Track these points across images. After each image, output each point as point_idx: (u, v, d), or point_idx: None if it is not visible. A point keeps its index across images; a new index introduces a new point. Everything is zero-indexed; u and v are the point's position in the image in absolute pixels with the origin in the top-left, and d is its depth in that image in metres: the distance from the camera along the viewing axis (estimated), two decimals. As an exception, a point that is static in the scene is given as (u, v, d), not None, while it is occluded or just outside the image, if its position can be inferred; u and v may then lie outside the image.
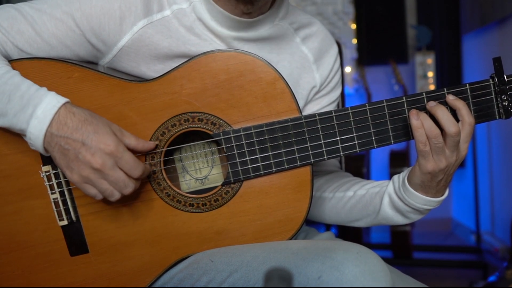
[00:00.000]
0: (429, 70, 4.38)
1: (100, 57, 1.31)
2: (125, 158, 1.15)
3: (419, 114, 1.22)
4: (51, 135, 1.14)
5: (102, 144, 1.13)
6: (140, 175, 1.18)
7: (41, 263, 1.27)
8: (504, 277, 2.74)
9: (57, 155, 1.15)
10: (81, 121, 1.14)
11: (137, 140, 1.20)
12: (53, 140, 1.14)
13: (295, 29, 1.43)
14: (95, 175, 1.14)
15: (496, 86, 1.27)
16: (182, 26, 1.30)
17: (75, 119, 1.14)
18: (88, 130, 1.14)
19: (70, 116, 1.14)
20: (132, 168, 1.16)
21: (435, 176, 1.24)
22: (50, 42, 1.26)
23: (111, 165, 1.14)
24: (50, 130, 1.14)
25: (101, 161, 1.13)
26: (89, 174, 1.14)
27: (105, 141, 1.13)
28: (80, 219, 1.27)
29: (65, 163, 1.15)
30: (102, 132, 1.14)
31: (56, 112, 1.14)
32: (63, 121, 1.14)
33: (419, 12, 4.61)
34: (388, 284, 1.06)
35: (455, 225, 4.66)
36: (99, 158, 1.13)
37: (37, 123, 1.13)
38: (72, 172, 1.15)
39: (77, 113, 1.15)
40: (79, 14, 1.25)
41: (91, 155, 1.13)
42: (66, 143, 1.14)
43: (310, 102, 1.45)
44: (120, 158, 1.14)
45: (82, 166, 1.14)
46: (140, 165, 1.17)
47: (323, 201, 1.46)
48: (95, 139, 1.13)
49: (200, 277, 1.23)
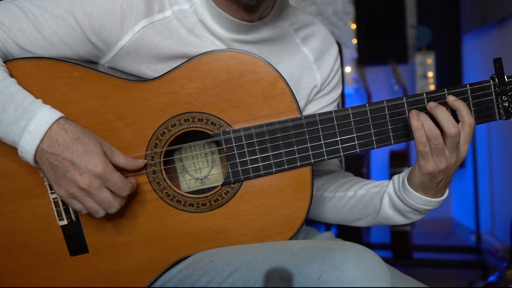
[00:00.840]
0: (429, 70, 4.38)
1: (100, 56, 1.31)
2: (113, 180, 1.16)
3: (419, 115, 1.22)
4: (42, 150, 1.15)
5: (90, 165, 1.14)
6: (127, 194, 1.20)
7: (41, 263, 1.27)
8: (504, 277, 2.74)
9: (46, 169, 1.17)
10: (72, 139, 1.15)
11: (126, 159, 1.21)
12: (43, 155, 1.15)
13: (295, 30, 1.43)
14: (81, 193, 1.16)
15: (497, 87, 1.27)
16: (183, 27, 1.30)
17: (66, 137, 1.15)
18: (78, 149, 1.15)
19: (62, 134, 1.15)
20: (119, 188, 1.17)
21: (435, 177, 1.24)
22: (51, 40, 1.26)
23: (97, 186, 1.15)
24: (41, 146, 1.14)
25: (88, 181, 1.14)
26: (76, 192, 1.16)
27: (94, 162, 1.15)
28: (79, 218, 1.27)
29: (53, 177, 1.17)
30: (91, 152, 1.15)
31: (49, 129, 1.14)
32: (55, 138, 1.15)
33: (419, 12, 4.61)
34: (388, 284, 1.06)
35: (455, 225, 4.66)
36: (87, 178, 1.14)
37: (29, 138, 1.14)
38: (59, 187, 1.17)
39: (69, 131, 1.16)
40: (80, 12, 1.25)
41: (79, 175, 1.14)
42: (56, 160, 1.15)
43: (311, 102, 1.45)
44: (108, 180, 1.16)
45: (69, 184, 1.15)
46: (128, 184, 1.19)
47: (324, 200, 1.46)
48: (84, 159, 1.14)
49: (200, 277, 1.23)
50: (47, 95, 1.22)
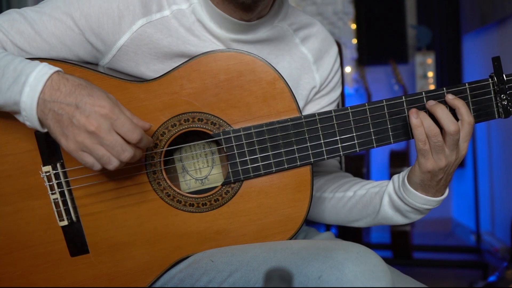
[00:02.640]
0: (429, 70, 4.38)
1: (99, 57, 1.31)
2: (121, 121, 1.10)
3: (418, 113, 1.22)
4: (44, 101, 1.11)
5: (96, 106, 1.09)
6: (138, 140, 1.12)
7: (41, 264, 1.27)
8: (504, 277, 2.74)
9: (51, 122, 1.12)
10: (74, 85, 1.12)
11: (133, 114, 1.15)
12: (46, 106, 1.11)
13: (294, 30, 1.43)
14: (90, 140, 1.10)
15: (495, 86, 1.27)
16: (182, 26, 1.30)
17: (68, 84, 1.12)
18: (82, 93, 1.11)
19: (64, 82, 1.12)
20: (129, 130, 1.11)
21: (435, 175, 1.24)
22: (49, 42, 1.26)
23: (107, 127, 1.09)
24: (42, 97, 1.11)
25: (96, 123, 1.09)
26: (85, 139, 1.10)
27: (99, 103, 1.10)
28: (80, 219, 1.27)
29: (59, 130, 1.12)
30: (96, 95, 1.11)
31: (49, 78, 1.11)
32: (56, 86, 1.11)
33: (419, 12, 4.61)
34: (388, 284, 1.06)
35: (455, 225, 4.66)
36: (94, 120, 1.09)
37: (29, 90, 1.11)
38: (67, 139, 1.11)
39: (71, 79, 1.13)
40: (77, 13, 1.25)
41: (85, 117, 1.09)
42: (60, 108, 1.10)
43: (310, 103, 1.45)
44: (116, 120, 1.10)
45: (76, 131, 1.10)
46: (138, 128, 1.12)
47: (323, 201, 1.46)
48: (89, 101, 1.10)
49: (200, 277, 1.23)
50: (47, 95, 1.22)
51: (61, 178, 1.25)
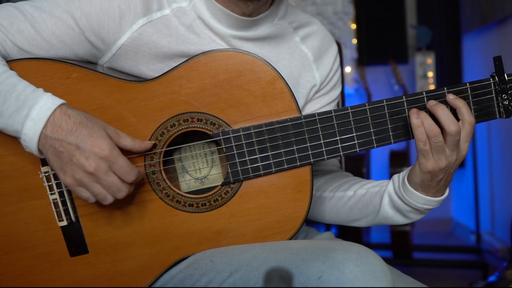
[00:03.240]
0: (429, 70, 4.38)
1: (99, 56, 1.31)
2: (119, 163, 1.14)
3: (419, 113, 1.22)
4: (45, 137, 1.13)
5: (96, 148, 1.13)
6: (134, 180, 1.17)
7: (41, 264, 1.27)
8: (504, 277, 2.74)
9: (51, 157, 1.15)
10: (76, 123, 1.14)
11: (134, 141, 1.20)
12: (47, 142, 1.14)
13: (294, 28, 1.43)
14: (88, 178, 1.14)
15: (497, 85, 1.27)
16: (182, 25, 1.30)
17: (70, 122, 1.14)
18: (83, 133, 1.13)
19: (65, 119, 1.14)
20: (126, 173, 1.15)
21: (435, 176, 1.24)
22: (49, 41, 1.26)
23: (105, 169, 1.13)
24: (44, 132, 1.13)
25: (94, 164, 1.12)
26: (83, 178, 1.14)
27: (99, 145, 1.13)
28: (79, 219, 1.26)
29: (58, 165, 1.15)
30: (96, 136, 1.14)
31: (51, 114, 1.13)
32: (58, 123, 1.13)
33: (419, 12, 4.61)
34: (388, 284, 1.06)
35: (455, 225, 4.66)
36: (93, 162, 1.12)
37: (31, 124, 1.13)
38: (65, 174, 1.15)
39: (72, 116, 1.15)
40: (78, 12, 1.25)
41: (85, 158, 1.12)
42: (60, 146, 1.13)
43: (310, 101, 1.45)
44: (114, 162, 1.14)
45: (75, 169, 1.13)
46: (134, 169, 1.17)
47: (323, 201, 1.46)
48: (89, 142, 1.13)
49: (200, 277, 1.23)
50: (46, 95, 1.22)
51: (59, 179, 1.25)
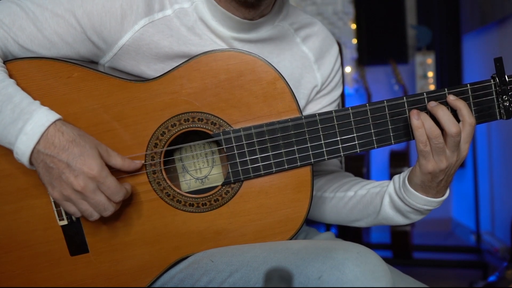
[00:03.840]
0: (429, 70, 4.38)
1: (100, 55, 1.31)
2: (107, 184, 1.16)
3: (419, 114, 1.22)
4: (37, 152, 1.15)
5: (86, 167, 1.14)
6: (121, 200, 1.20)
7: (41, 263, 1.27)
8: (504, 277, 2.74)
9: (41, 171, 1.17)
10: (68, 141, 1.15)
11: (124, 160, 1.21)
12: (39, 157, 1.15)
13: (295, 30, 1.43)
14: (76, 195, 1.16)
15: (497, 87, 1.27)
16: (183, 26, 1.30)
17: (63, 139, 1.15)
18: (74, 152, 1.15)
19: (59, 136, 1.15)
20: (113, 193, 1.17)
21: (436, 177, 1.24)
22: (51, 39, 1.26)
23: (92, 188, 1.15)
24: (37, 148, 1.14)
25: (83, 184, 1.14)
26: (70, 194, 1.16)
27: (89, 164, 1.14)
28: (80, 218, 1.26)
29: (48, 179, 1.17)
30: (87, 155, 1.15)
31: (45, 131, 1.14)
32: (51, 140, 1.14)
33: (419, 12, 4.61)
34: (388, 284, 1.06)
35: (455, 225, 4.66)
36: (82, 181, 1.14)
37: (25, 139, 1.14)
38: (53, 189, 1.17)
39: (66, 133, 1.16)
40: (80, 11, 1.25)
41: (74, 177, 1.14)
42: (51, 162, 1.14)
43: (311, 102, 1.45)
44: (102, 183, 1.15)
45: (64, 186, 1.15)
46: (122, 190, 1.19)
47: (324, 201, 1.46)
48: (80, 161, 1.14)
49: (200, 277, 1.23)
50: (47, 95, 1.22)
51: None
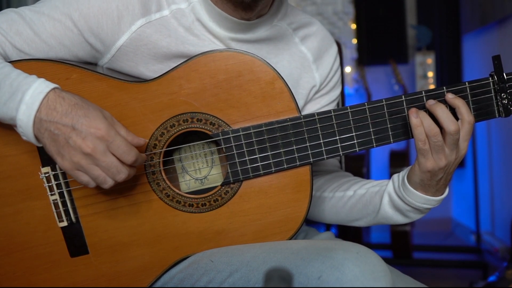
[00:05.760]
0: (429, 70, 4.39)
1: (99, 57, 1.31)
2: (116, 143, 1.12)
3: (418, 113, 1.22)
4: (40, 120, 1.12)
5: (92, 128, 1.10)
6: (133, 161, 1.14)
7: (41, 264, 1.27)
8: (504, 277, 2.74)
9: (47, 141, 1.13)
10: (71, 105, 1.12)
11: (128, 132, 1.17)
12: (42, 126, 1.12)
13: (293, 29, 1.43)
14: (86, 160, 1.11)
15: (496, 84, 1.27)
16: (181, 26, 1.30)
17: (64, 104, 1.12)
18: (78, 114, 1.11)
19: (60, 101, 1.12)
20: (124, 152, 1.12)
21: (435, 175, 1.24)
22: (48, 42, 1.26)
23: (102, 149, 1.11)
24: (39, 116, 1.11)
25: (92, 145, 1.10)
26: (80, 160, 1.11)
27: (95, 125, 1.11)
28: (80, 220, 1.27)
29: (55, 149, 1.13)
30: (92, 116, 1.12)
31: (45, 97, 1.12)
32: (52, 106, 1.12)
33: (419, 12, 4.62)
34: (388, 284, 1.06)
35: (455, 225, 4.66)
36: (90, 142, 1.10)
37: (25, 108, 1.11)
38: (63, 158, 1.13)
39: (67, 98, 1.13)
40: (77, 14, 1.25)
41: (81, 139, 1.10)
42: (56, 128, 1.11)
43: (310, 102, 1.45)
44: (112, 142, 1.11)
45: (72, 152, 1.11)
46: (133, 150, 1.14)
47: (323, 200, 1.46)
48: (85, 123, 1.11)
49: (200, 277, 1.23)
50: (46, 96, 1.22)
51: (60, 179, 1.25)
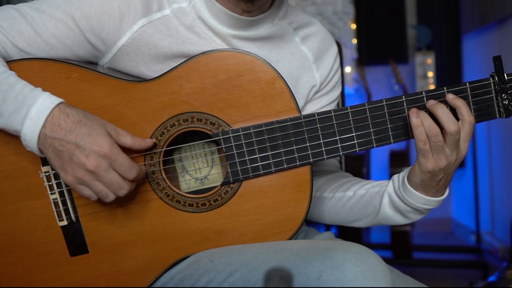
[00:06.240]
0: (429, 70, 4.39)
1: (99, 57, 1.31)
2: (119, 160, 1.14)
3: (419, 113, 1.22)
4: (45, 136, 1.14)
5: (96, 146, 1.13)
6: (135, 177, 1.17)
7: (41, 263, 1.27)
8: (504, 277, 2.74)
9: (51, 156, 1.15)
10: (75, 122, 1.14)
11: (133, 138, 1.20)
12: (47, 141, 1.14)
13: (294, 29, 1.43)
14: (89, 176, 1.14)
15: (496, 85, 1.27)
16: (182, 25, 1.30)
17: (68, 120, 1.14)
18: (82, 132, 1.13)
19: (64, 117, 1.14)
20: (126, 170, 1.15)
21: (435, 175, 1.24)
22: (49, 42, 1.26)
23: (105, 167, 1.13)
24: (43, 132, 1.13)
25: (95, 163, 1.13)
26: (83, 176, 1.14)
27: (99, 143, 1.13)
28: (79, 219, 1.27)
29: (59, 164, 1.15)
30: (96, 134, 1.14)
31: (50, 113, 1.13)
32: (57, 122, 1.13)
33: (419, 12, 4.62)
34: (388, 284, 1.06)
35: (455, 225, 4.66)
36: (93, 160, 1.13)
37: (30, 124, 1.13)
38: (66, 173, 1.15)
39: (71, 114, 1.15)
40: (78, 13, 1.25)
41: (85, 157, 1.13)
42: (60, 145, 1.13)
43: (309, 102, 1.45)
44: (114, 160, 1.14)
45: (76, 168, 1.14)
46: (135, 166, 1.17)
47: (323, 201, 1.46)
48: (89, 141, 1.13)
49: (200, 277, 1.23)
50: (46, 95, 1.22)
51: (60, 178, 1.25)
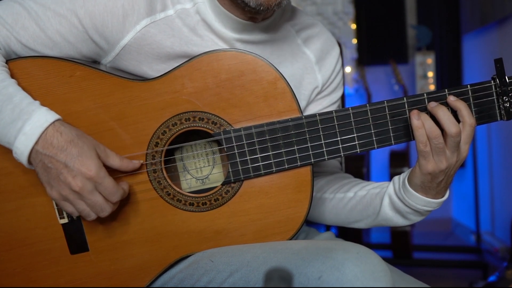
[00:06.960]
0: (429, 70, 4.38)
1: (103, 55, 1.31)
2: (104, 184, 1.16)
3: (420, 114, 1.22)
4: (36, 152, 1.15)
5: (84, 168, 1.15)
6: (118, 200, 1.20)
7: (41, 261, 1.27)
8: (504, 277, 2.74)
9: (39, 170, 1.17)
10: (67, 141, 1.16)
11: (122, 160, 1.22)
12: (37, 156, 1.16)
13: (296, 31, 1.43)
14: (73, 196, 1.16)
15: (498, 88, 1.27)
16: (185, 26, 1.30)
17: (61, 139, 1.15)
18: (73, 152, 1.15)
19: (57, 136, 1.15)
20: (110, 194, 1.18)
21: (436, 177, 1.24)
22: (53, 38, 1.26)
23: (90, 189, 1.16)
24: (36, 148, 1.15)
25: (81, 184, 1.15)
26: (68, 195, 1.16)
27: (87, 165, 1.15)
28: (80, 217, 1.27)
29: (46, 179, 1.17)
30: (85, 156, 1.16)
31: (44, 131, 1.15)
32: (49, 140, 1.15)
33: (419, 12, 4.61)
34: (388, 284, 1.06)
35: (455, 225, 4.66)
36: (79, 181, 1.15)
37: (24, 139, 1.15)
38: (51, 188, 1.17)
39: (65, 133, 1.16)
40: (82, 11, 1.25)
41: (72, 177, 1.15)
42: (50, 162, 1.15)
43: (311, 103, 1.45)
44: (100, 184, 1.16)
45: (62, 186, 1.16)
46: (119, 190, 1.19)
47: (324, 202, 1.46)
48: (78, 162, 1.15)
49: (200, 277, 1.23)
50: (48, 93, 1.23)
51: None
